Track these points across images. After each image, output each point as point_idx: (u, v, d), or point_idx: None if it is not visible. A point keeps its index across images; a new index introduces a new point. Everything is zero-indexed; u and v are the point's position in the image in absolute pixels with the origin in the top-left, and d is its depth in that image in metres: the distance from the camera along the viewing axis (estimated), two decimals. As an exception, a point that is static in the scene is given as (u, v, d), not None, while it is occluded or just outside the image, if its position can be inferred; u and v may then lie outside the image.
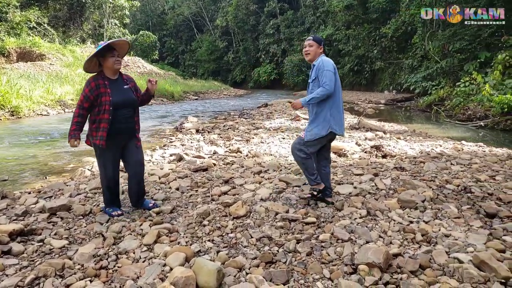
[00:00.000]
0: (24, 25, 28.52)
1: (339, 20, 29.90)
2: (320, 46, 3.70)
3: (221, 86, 39.77)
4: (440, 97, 15.19)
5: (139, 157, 3.77)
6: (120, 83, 3.60)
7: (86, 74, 19.52)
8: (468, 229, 3.19)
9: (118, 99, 3.50)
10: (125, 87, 3.63)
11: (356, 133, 8.87)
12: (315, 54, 3.70)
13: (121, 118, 3.54)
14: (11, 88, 13.99)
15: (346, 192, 4.20)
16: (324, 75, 3.54)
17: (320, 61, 3.63)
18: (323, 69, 3.56)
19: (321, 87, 3.54)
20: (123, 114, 3.55)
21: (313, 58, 3.71)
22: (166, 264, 2.68)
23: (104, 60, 3.49)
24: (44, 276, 2.55)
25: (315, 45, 3.69)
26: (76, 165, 6.44)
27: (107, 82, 3.51)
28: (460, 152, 6.50)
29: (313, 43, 3.69)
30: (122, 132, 3.60)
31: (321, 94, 3.53)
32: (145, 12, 59.00)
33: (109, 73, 3.55)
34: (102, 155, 3.62)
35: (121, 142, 3.65)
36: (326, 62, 3.61)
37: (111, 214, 3.71)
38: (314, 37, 3.76)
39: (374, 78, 28.63)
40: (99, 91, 3.44)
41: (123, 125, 3.57)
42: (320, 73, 3.59)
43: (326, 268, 2.63)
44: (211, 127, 10.65)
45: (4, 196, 4.50)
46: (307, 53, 3.73)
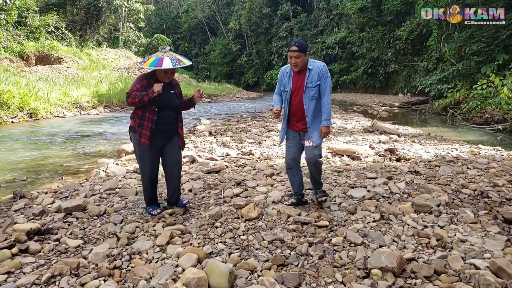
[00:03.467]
0: (43, 29, 29.08)
1: (353, 22, 29.76)
2: (306, 53, 3.54)
3: (234, 89, 39.88)
4: (456, 100, 14.95)
5: (177, 158, 3.85)
6: (168, 88, 3.67)
7: (102, 77, 19.74)
8: (485, 234, 3.14)
9: (163, 102, 3.59)
10: (172, 92, 3.72)
11: (370, 136, 8.79)
12: (303, 63, 3.57)
13: (165, 120, 3.64)
14: (29, 91, 14.28)
15: (359, 195, 4.16)
16: (328, 83, 3.60)
17: (323, 67, 3.61)
18: (327, 75, 3.61)
19: (327, 96, 3.60)
20: (166, 116, 3.65)
21: (302, 67, 3.60)
22: (178, 265, 2.70)
23: (157, 71, 3.59)
24: (59, 274, 2.59)
25: (302, 55, 3.49)
26: (91, 166, 6.54)
27: (153, 81, 3.57)
28: (477, 156, 6.39)
29: (300, 54, 3.47)
30: (163, 133, 3.69)
31: (330, 103, 3.63)
32: (159, 15, 59.55)
33: (159, 78, 3.62)
34: (143, 153, 3.68)
35: (161, 142, 3.72)
36: (327, 68, 3.67)
37: (151, 213, 3.78)
38: (299, 45, 3.48)
39: (388, 81, 28.38)
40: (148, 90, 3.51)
41: (165, 127, 3.68)
42: (324, 79, 3.58)
43: (338, 272, 2.61)
44: (223, 130, 10.68)
45: (22, 196, 4.60)
46: (295, 65, 3.54)
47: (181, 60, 3.56)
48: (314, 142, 3.66)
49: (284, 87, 3.75)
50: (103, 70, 26.32)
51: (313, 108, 3.64)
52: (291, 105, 3.72)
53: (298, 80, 3.66)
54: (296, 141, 3.81)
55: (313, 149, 3.68)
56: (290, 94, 3.71)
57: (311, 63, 3.63)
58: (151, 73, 3.65)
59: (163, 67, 3.42)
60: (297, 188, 3.92)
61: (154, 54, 3.58)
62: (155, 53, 3.60)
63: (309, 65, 3.62)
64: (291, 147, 3.85)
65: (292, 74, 3.70)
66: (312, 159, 3.70)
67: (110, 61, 30.83)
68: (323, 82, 3.58)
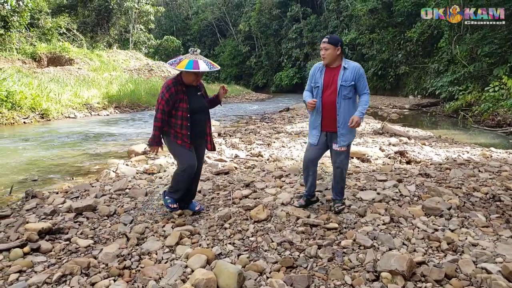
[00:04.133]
0: (54, 31, 29.50)
1: (363, 24, 29.60)
2: (336, 47, 3.49)
3: (243, 90, 39.93)
4: (468, 102, 14.78)
5: (201, 162, 3.88)
6: (195, 90, 3.66)
7: (112, 78, 19.88)
8: (497, 238, 3.10)
9: (194, 106, 3.58)
10: (199, 94, 3.70)
11: (379, 138, 8.74)
12: (332, 57, 3.52)
13: (197, 124, 3.64)
14: (41, 92, 14.47)
15: (369, 198, 4.14)
16: (365, 83, 3.57)
17: (359, 68, 3.57)
18: (364, 77, 3.57)
19: (367, 94, 3.57)
20: (198, 120, 3.65)
21: (331, 62, 3.56)
22: (187, 266, 2.70)
23: (187, 74, 3.52)
24: (70, 274, 2.62)
25: (331, 48, 3.48)
26: (101, 167, 6.59)
27: (185, 88, 3.56)
28: (489, 159, 6.31)
29: (329, 46, 3.48)
30: (196, 136, 3.68)
31: (369, 101, 3.57)
32: (169, 17, 59.97)
33: (187, 81, 3.57)
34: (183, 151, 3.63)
35: (195, 145, 3.72)
36: (363, 70, 3.61)
37: (168, 205, 3.77)
38: (329, 38, 3.53)
39: (399, 83, 28.18)
40: (178, 97, 3.51)
41: (198, 129, 3.68)
42: (361, 80, 3.53)
43: (347, 274, 2.60)
44: (232, 131, 10.70)
45: (34, 196, 4.66)
46: (323, 57, 3.55)
47: (214, 64, 3.52)
48: (343, 143, 3.59)
49: (316, 83, 3.66)
50: (114, 71, 26.55)
51: (344, 108, 3.54)
52: (323, 102, 3.60)
53: (331, 76, 3.58)
54: (323, 140, 3.69)
55: (341, 153, 3.63)
56: (322, 90, 3.60)
57: (346, 62, 3.58)
58: (177, 79, 3.56)
59: (200, 70, 3.37)
60: (309, 188, 3.86)
61: (184, 56, 3.50)
62: (184, 55, 3.52)
63: (344, 63, 3.56)
64: (314, 147, 3.73)
65: (325, 70, 3.63)
66: (338, 163, 3.66)
67: (120, 62, 31.09)
68: (361, 82, 3.54)
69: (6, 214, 3.97)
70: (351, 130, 3.62)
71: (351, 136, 3.65)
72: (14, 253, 2.94)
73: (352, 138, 3.68)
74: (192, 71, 3.42)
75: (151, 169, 5.81)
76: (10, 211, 4.12)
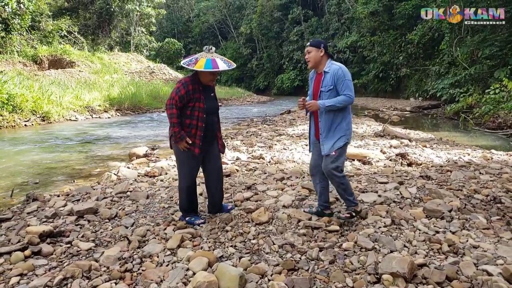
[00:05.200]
0: (55, 33, 29.60)
1: (364, 26, 29.63)
2: (319, 49, 3.40)
3: (245, 93, 40.00)
4: (469, 105, 14.77)
5: (218, 164, 3.75)
6: (209, 91, 3.56)
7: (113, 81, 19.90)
8: (497, 240, 3.09)
9: (208, 106, 3.49)
10: (211, 94, 3.60)
11: (381, 140, 8.74)
12: (315, 60, 3.42)
13: (209, 125, 3.53)
14: (42, 94, 14.52)
15: (370, 200, 4.14)
16: (346, 85, 3.31)
17: (338, 69, 3.34)
18: (344, 79, 3.32)
19: (344, 96, 3.29)
20: (211, 121, 3.55)
21: (316, 65, 3.46)
22: (189, 269, 2.70)
23: (203, 74, 3.43)
24: (71, 277, 2.62)
25: (313, 50, 3.41)
26: (102, 170, 6.60)
27: (201, 88, 3.46)
28: (490, 161, 6.30)
29: (311, 49, 3.42)
30: (208, 138, 3.57)
31: (344, 103, 3.29)
32: (171, 20, 60.18)
33: (205, 81, 3.49)
34: (187, 161, 3.55)
35: (205, 148, 3.59)
36: (346, 71, 3.36)
37: (194, 223, 3.59)
38: (311, 42, 3.48)
39: (400, 85, 28.18)
40: (194, 96, 3.40)
41: (209, 132, 3.56)
42: (340, 82, 3.32)
43: (349, 276, 2.60)
44: (234, 133, 10.71)
45: (35, 199, 4.67)
46: (307, 61, 3.49)
47: (231, 62, 3.45)
48: (326, 151, 3.42)
49: (309, 90, 3.65)
50: (115, 74, 26.64)
51: (326, 115, 3.40)
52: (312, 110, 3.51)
53: (318, 82, 3.51)
54: (317, 148, 3.60)
55: (326, 159, 3.43)
56: (311, 98, 3.56)
57: (328, 66, 3.42)
58: (195, 78, 3.45)
59: (220, 69, 3.30)
60: (319, 197, 3.75)
61: (199, 55, 3.41)
62: (199, 54, 3.43)
63: (326, 67, 3.42)
64: (313, 154, 3.72)
65: (315, 77, 3.57)
66: (325, 169, 3.45)
67: (121, 65, 31.19)
68: (340, 85, 3.32)
69: (7, 217, 3.98)
70: (333, 136, 3.41)
71: (332, 142, 3.42)
72: (15, 256, 2.94)
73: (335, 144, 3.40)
74: (211, 71, 3.34)
75: (152, 172, 5.81)
76: (11, 214, 4.13)
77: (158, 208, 4.16)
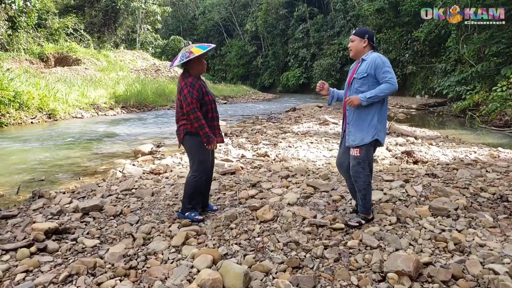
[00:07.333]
0: (62, 31, 29.72)
1: (370, 23, 29.47)
2: (362, 39, 3.30)
3: (250, 90, 39.89)
4: (475, 102, 14.67)
5: (213, 158, 3.86)
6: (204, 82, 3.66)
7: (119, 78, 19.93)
8: (504, 239, 3.07)
9: (213, 97, 3.63)
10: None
11: (386, 138, 8.68)
12: (357, 49, 3.33)
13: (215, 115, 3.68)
14: (49, 92, 14.57)
15: (376, 198, 4.11)
16: (386, 71, 3.14)
17: (377, 58, 3.20)
18: (384, 66, 3.16)
19: (387, 83, 3.12)
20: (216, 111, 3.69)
21: (357, 54, 3.36)
22: (193, 266, 2.71)
23: (200, 62, 3.53)
24: (77, 273, 2.63)
25: (356, 40, 3.32)
26: (108, 167, 6.63)
27: (201, 81, 3.56)
28: (496, 159, 6.25)
29: (354, 38, 3.33)
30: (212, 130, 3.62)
31: (386, 91, 3.11)
32: (176, 17, 60.14)
33: (196, 74, 3.56)
34: (205, 157, 3.61)
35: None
36: (385, 59, 3.21)
37: (194, 219, 3.60)
38: (356, 30, 3.40)
39: (406, 83, 28.03)
40: (203, 91, 3.52)
41: (216, 121, 3.69)
42: (380, 70, 3.15)
43: (354, 275, 2.59)
44: (239, 131, 10.71)
45: (41, 196, 4.70)
46: (350, 50, 3.41)
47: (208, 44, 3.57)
48: (351, 142, 3.31)
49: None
50: (121, 72, 26.69)
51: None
52: (345, 99, 3.37)
53: (354, 71, 3.41)
54: (344, 143, 3.51)
55: (354, 159, 3.32)
56: (347, 86, 3.44)
57: (368, 54, 3.32)
58: (193, 75, 3.52)
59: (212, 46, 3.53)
60: (352, 195, 3.70)
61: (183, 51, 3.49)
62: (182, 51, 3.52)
63: (365, 55, 3.32)
64: (339, 148, 3.64)
65: (354, 66, 3.47)
66: (351, 171, 3.36)
67: (127, 62, 31.25)
68: (379, 72, 3.16)
69: (13, 214, 4.01)
70: (361, 129, 3.26)
71: (360, 135, 3.27)
72: (21, 253, 2.96)
73: (363, 137, 3.26)
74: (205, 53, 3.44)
75: (157, 169, 5.83)
76: (17, 211, 4.16)
77: (163, 206, 4.17)
